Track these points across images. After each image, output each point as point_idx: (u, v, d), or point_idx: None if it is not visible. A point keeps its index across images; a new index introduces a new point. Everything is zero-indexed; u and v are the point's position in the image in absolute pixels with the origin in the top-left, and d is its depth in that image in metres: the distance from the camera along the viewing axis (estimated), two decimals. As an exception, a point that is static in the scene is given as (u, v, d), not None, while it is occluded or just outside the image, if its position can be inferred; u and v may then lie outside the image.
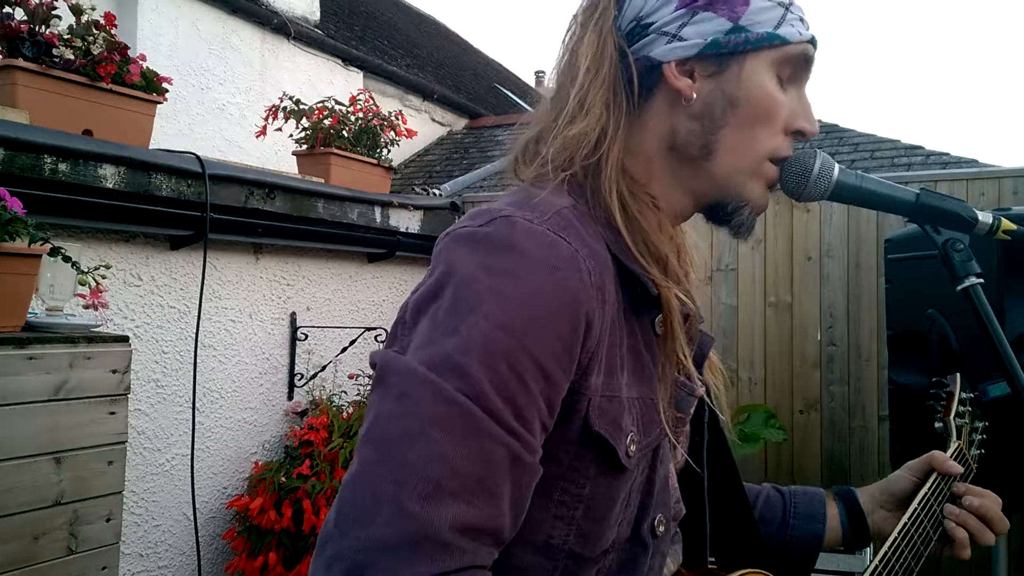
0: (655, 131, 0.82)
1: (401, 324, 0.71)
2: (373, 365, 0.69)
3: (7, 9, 2.26)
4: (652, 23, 0.80)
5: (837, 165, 0.85)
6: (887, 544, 0.94)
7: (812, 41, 0.81)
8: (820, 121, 5.24)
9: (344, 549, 0.59)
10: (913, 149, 4.18)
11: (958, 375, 1.13)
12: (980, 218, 0.87)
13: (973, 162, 3.87)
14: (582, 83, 0.79)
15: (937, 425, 1.06)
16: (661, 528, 0.80)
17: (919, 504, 0.97)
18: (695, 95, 0.79)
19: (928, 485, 0.99)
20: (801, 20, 0.80)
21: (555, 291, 0.65)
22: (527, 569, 0.71)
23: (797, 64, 0.80)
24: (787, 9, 0.79)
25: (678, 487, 0.87)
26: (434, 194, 3.93)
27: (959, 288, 0.87)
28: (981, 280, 0.87)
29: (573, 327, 0.66)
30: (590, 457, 0.71)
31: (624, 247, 0.74)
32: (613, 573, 0.76)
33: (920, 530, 0.97)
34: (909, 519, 0.96)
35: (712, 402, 0.91)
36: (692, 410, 0.86)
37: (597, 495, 0.72)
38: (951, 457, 1.02)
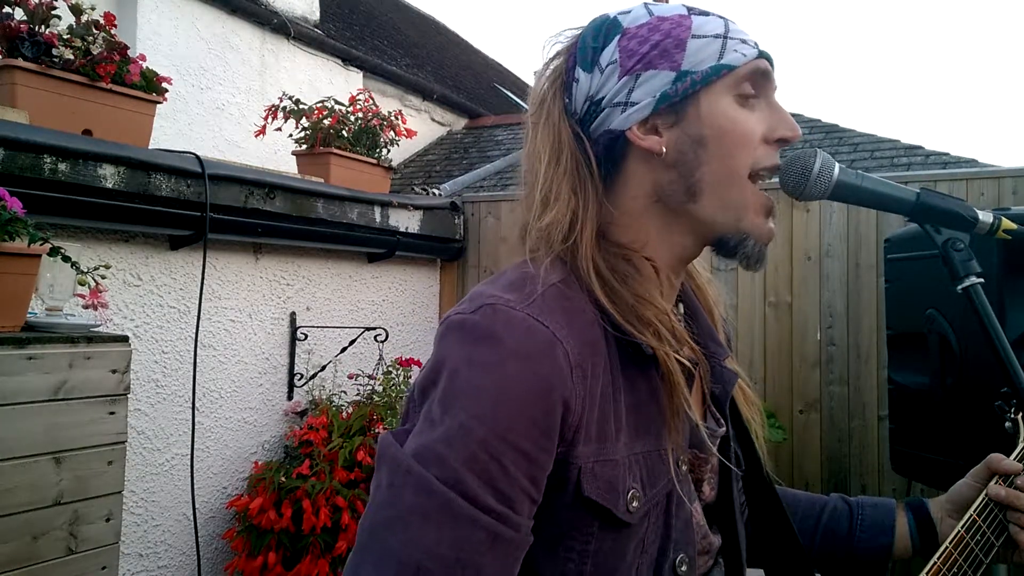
0: (639, 192, 0.85)
1: (411, 403, 0.77)
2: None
3: (7, 9, 2.26)
4: (603, 98, 0.83)
5: (838, 164, 0.85)
6: (937, 554, 0.91)
7: (761, 55, 0.83)
8: (820, 121, 5.20)
9: None
10: (913, 149, 4.18)
11: None
12: (980, 217, 0.87)
13: (973, 162, 3.86)
14: (546, 176, 0.83)
15: (1007, 424, 1.03)
16: (683, 568, 0.81)
17: (976, 510, 0.94)
18: (664, 148, 0.82)
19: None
20: (743, 42, 0.82)
21: (530, 379, 0.70)
22: None
23: (755, 80, 0.82)
24: (725, 38, 0.82)
25: (704, 523, 0.88)
26: (434, 194, 3.93)
27: (959, 288, 0.87)
28: (981, 280, 0.87)
29: (547, 411, 0.71)
30: (589, 518, 0.75)
31: (612, 318, 0.78)
32: None
33: (980, 537, 0.93)
34: (963, 527, 0.93)
35: (748, 433, 0.94)
36: (715, 448, 0.89)
37: (604, 549, 0.76)
38: (1017, 456, 0.98)
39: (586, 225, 0.82)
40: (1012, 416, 1.02)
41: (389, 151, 3.74)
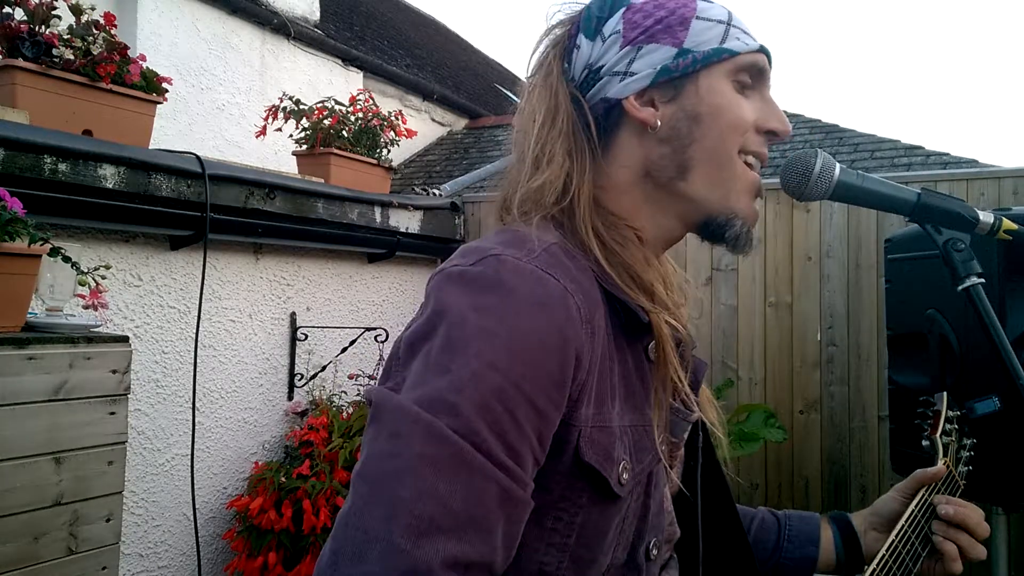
0: (627, 164, 0.84)
1: (395, 360, 0.71)
2: (369, 402, 0.69)
3: (7, 9, 2.26)
4: (602, 66, 0.83)
5: (838, 165, 0.85)
6: (875, 562, 0.93)
7: (762, 50, 0.84)
8: (820, 121, 5.20)
9: None
10: (913, 149, 4.18)
11: (944, 394, 1.11)
12: (981, 218, 0.87)
13: (973, 162, 3.87)
14: (539, 137, 0.82)
15: (924, 443, 1.06)
16: (655, 552, 0.82)
17: (906, 521, 0.97)
18: (659, 121, 0.82)
19: (915, 502, 0.99)
20: (745, 32, 0.84)
21: (544, 328, 0.66)
22: None
23: (752, 73, 0.83)
24: (729, 25, 0.83)
25: (672, 510, 0.88)
26: (434, 194, 3.93)
27: (960, 288, 0.87)
28: (982, 280, 0.86)
29: (562, 363, 0.67)
30: (581, 486, 0.71)
31: (610, 279, 0.76)
32: None
33: (908, 547, 0.97)
34: (897, 536, 0.96)
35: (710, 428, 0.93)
36: (686, 435, 0.88)
37: (590, 522, 0.72)
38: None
39: (582, 188, 0.81)
40: (929, 436, 1.06)
41: (389, 151, 3.74)
